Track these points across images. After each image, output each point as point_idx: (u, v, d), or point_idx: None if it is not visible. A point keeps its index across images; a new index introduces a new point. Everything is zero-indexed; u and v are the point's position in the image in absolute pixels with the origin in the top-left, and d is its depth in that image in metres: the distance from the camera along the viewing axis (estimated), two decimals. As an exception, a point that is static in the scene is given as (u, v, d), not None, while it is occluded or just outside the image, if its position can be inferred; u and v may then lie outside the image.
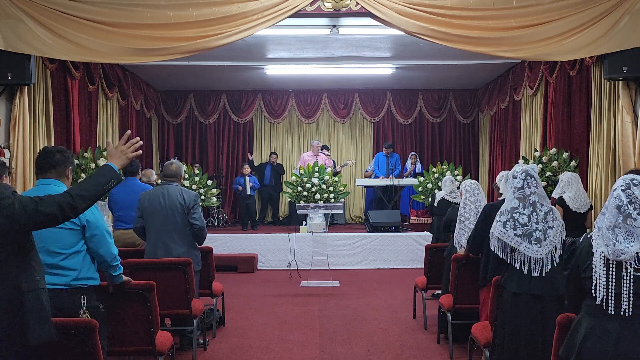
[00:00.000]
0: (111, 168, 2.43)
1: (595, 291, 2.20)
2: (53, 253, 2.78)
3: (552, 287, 3.03)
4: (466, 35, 5.63)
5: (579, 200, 5.31)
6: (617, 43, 5.33)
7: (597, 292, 2.20)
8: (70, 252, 2.82)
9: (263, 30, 5.74)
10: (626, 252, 2.14)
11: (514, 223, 3.08)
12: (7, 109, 5.70)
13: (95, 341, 2.57)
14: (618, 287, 2.16)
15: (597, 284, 2.20)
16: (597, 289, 2.20)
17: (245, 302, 6.42)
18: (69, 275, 2.79)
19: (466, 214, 4.57)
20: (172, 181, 4.57)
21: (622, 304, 2.15)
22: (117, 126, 8.79)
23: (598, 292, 2.19)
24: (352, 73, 10.06)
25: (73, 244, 2.83)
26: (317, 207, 7.58)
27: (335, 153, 12.02)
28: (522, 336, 3.01)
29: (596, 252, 2.22)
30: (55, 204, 2.23)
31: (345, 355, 4.55)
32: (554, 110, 7.36)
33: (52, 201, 2.24)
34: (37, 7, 5.41)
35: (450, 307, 4.47)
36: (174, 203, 4.42)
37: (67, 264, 2.79)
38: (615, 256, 2.16)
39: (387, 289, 7.13)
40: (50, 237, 2.76)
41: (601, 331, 2.18)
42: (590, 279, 2.22)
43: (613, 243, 2.16)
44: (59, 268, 2.78)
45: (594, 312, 2.22)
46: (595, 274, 2.21)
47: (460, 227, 4.59)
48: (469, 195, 4.61)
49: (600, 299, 2.18)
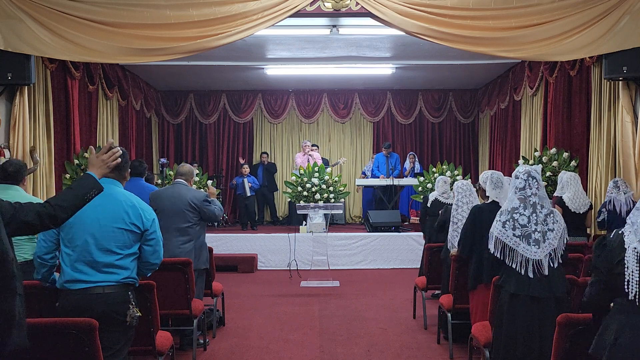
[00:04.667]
0: (92, 178, 2.44)
1: (627, 287, 2.16)
2: (110, 252, 2.78)
3: (550, 288, 3.02)
4: (466, 35, 5.63)
5: (578, 200, 5.31)
6: (617, 43, 5.33)
7: (629, 288, 2.16)
8: (127, 253, 2.83)
9: (263, 30, 5.74)
10: None
11: (514, 223, 3.07)
12: (7, 109, 5.70)
13: (95, 341, 2.57)
14: None
15: (630, 279, 2.16)
16: (630, 285, 2.15)
17: (245, 302, 6.42)
18: (121, 274, 2.81)
19: (459, 215, 4.58)
20: (183, 179, 4.67)
21: None
22: (117, 126, 8.79)
23: (631, 288, 2.15)
24: (352, 73, 10.06)
25: (131, 245, 2.84)
26: (317, 207, 7.58)
27: (336, 153, 12.02)
28: (520, 337, 3.01)
29: (629, 247, 2.18)
30: (35, 213, 2.23)
31: (345, 355, 4.55)
32: (554, 110, 7.36)
33: (32, 210, 2.24)
34: (37, 7, 5.41)
35: (450, 307, 4.47)
36: (185, 202, 4.50)
37: (122, 264, 2.81)
38: None
39: (387, 289, 7.13)
40: (109, 236, 2.78)
41: (634, 328, 2.15)
42: (622, 276, 2.18)
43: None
44: (114, 267, 2.79)
45: (626, 310, 2.19)
46: (628, 269, 2.16)
47: (454, 229, 4.60)
48: (461, 196, 4.62)
49: (633, 294, 2.14)
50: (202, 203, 4.55)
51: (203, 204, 4.55)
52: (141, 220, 2.85)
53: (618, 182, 5.22)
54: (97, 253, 2.76)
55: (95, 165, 2.50)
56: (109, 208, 2.78)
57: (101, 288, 2.75)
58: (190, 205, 4.51)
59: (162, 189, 4.73)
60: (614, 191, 5.18)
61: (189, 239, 4.53)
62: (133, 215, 2.83)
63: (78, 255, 2.76)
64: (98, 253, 2.76)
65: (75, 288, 2.74)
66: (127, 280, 2.84)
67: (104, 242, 2.77)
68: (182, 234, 4.52)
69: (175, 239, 4.49)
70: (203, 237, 4.70)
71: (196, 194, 4.60)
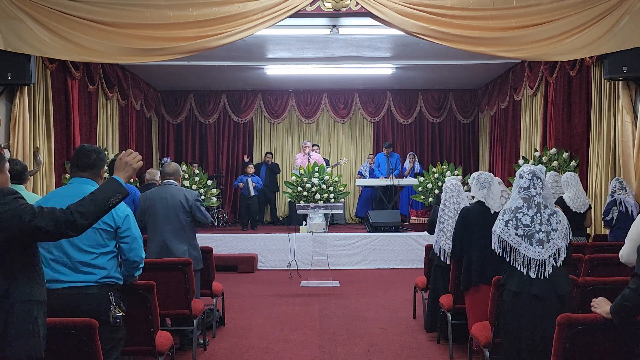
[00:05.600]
0: (116, 182, 2.36)
1: None
2: (84, 251, 2.78)
3: (553, 288, 3.01)
4: (466, 35, 5.64)
5: (578, 200, 5.31)
6: (617, 43, 5.33)
7: None
8: (102, 252, 2.82)
9: (263, 30, 5.74)
10: None
11: (516, 222, 3.06)
12: (7, 109, 5.70)
13: (95, 341, 2.57)
14: None
15: None
16: None
17: (245, 302, 6.42)
18: (98, 274, 2.80)
19: (445, 215, 4.55)
20: (172, 179, 4.61)
21: None
22: (117, 126, 8.79)
23: None
24: (352, 73, 10.06)
25: (105, 244, 2.83)
26: (317, 207, 7.58)
27: (336, 153, 12.02)
28: (523, 336, 3.00)
29: None
30: (52, 219, 2.14)
31: (345, 355, 4.55)
32: (554, 110, 7.36)
33: (50, 216, 2.15)
34: (37, 7, 5.41)
35: (450, 307, 4.47)
36: (176, 203, 4.45)
37: (98, 263, 2.80)
38: None
39: (387, 289, 7.13)
40: (82, 236, 2.67)
41: None
42: None
43: None
44: (90, 266, 2.78)
45: None
46: None
47: (440, 229, 4.58)
48: (449, 196, 4.57)
49: None
50: (194, 203, 4.48)
51: (195, 204, 4.48)
52: (112, 218, 2.83)
53: (624, 183, 5.22)
54: (72, 253, 2.75)
55: (120, 169, 2.46)
56: None
57: (78, 288, 2.74)
58: (182, 206, 4.45)
59: (152, 190, 4.64)
60: (622, 192, 5.17)
61: (183, 240, 4.47)
62: None
63: (55, 256, 2.76)
64: (73, 253, 2.75)
65: (56, 287, 2.73)
66: (105, 280, 2.81)
67: (78, 242, 2.75)
68: (176, 235, 4.46)
69: (170, 241, 4.44)
70: (195, 237, 4.65)
71: (187, 193, 4.52)
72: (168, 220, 4.45)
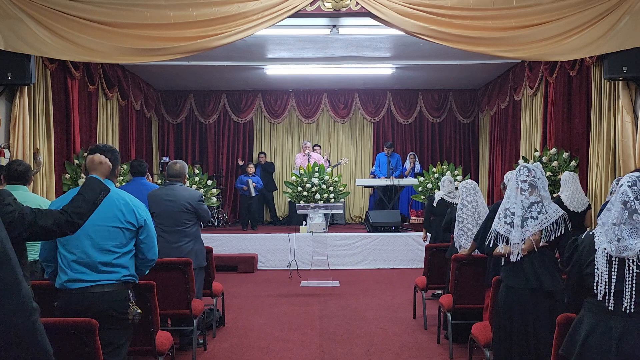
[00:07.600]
0: (97, 180, 2.53)
1: (596, 288, 2.20)
2: (107, 251, 2.80)
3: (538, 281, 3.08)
4: (466, 35, 5.63)
5: (576, 199, 5.32)
6: (617, 43, 5.33)
7: (598, 289, 2.19)
8: (125, 251, 2.86)
9: (263, 30, 5.74)
10: (630, 248, 2.14)
11: (506, 212, 3.17)
12: (7, 109, 5.70)
13: (96, 341, 2.57)
14: (620, 284, 2.16)
15: (599, 280, 2.19)
16: (599, 286, 2.19)
17: (245, 302, 6.42)
18: (120, 272, 2.83)
19: (464, 214, 4.60)
20: (177, 181, 4.63)
21: (623, 301, 2.14)
22: (117, 126, 8.78)
23: (599, 289, 2.19)
24: (352, 73, 10.05)
25: (127, 243, 2.87)
26: (317, 207, 7.58)
27: (336, 153, 12.02)
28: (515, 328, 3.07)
29: (599, 248, 2.21)
30: (53, 220, 2.30)
31: (345, 355, 4.55)
32: (554, 110, 7.36)
33: (51, 216, 2.30)
34: (37, 7, 5.40)
35: (450, 307, 4.47)
36: (181, 202, 4.49)
37: (120, 262, 2.83)
38: (618, 252, 2.15)
39: (387, 289, 7.13)
40: (106, 236, 2.80)
41: (604, 329, 2.17)
42: (592, 276, 2.22)
43: (617, 239, 2.15)
44: (113, 266, 2.81)
45: (596, 310, 2.21)
46: (598, 270, 2.20)
47: (459, 228, 4.62)
48: (466, 195, 4.65)
49: (602, 295, 2.17)
50: (198, 203, 4.55)
51: (198, 204, 4.56)
52: (135, 217, 2.88)
53: None
54: (95, 254, 2.77)
55: (93, 168, 2.60)
56: (102, 208, 2.74)
57: (101, 287, 2.77)
58: (187, 206, 4.51)
59: (157, 190, 4.69)
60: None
61: (188, 240, 4.54)
62: (127, 212, 2.85)
63: (76, 257, 2.77)
64: (96, 254, 2.78)
65: (75, 287, 2.75)
66: (126, 279, 2.86)
67: (101, 242, 2.79)
68: (181, 235, 4.51)
69: (175, 241, 4.49)
70: (200, 235, 4.72)
71: (192, 194, 4.59)
72: (174, 220, 4.50)
